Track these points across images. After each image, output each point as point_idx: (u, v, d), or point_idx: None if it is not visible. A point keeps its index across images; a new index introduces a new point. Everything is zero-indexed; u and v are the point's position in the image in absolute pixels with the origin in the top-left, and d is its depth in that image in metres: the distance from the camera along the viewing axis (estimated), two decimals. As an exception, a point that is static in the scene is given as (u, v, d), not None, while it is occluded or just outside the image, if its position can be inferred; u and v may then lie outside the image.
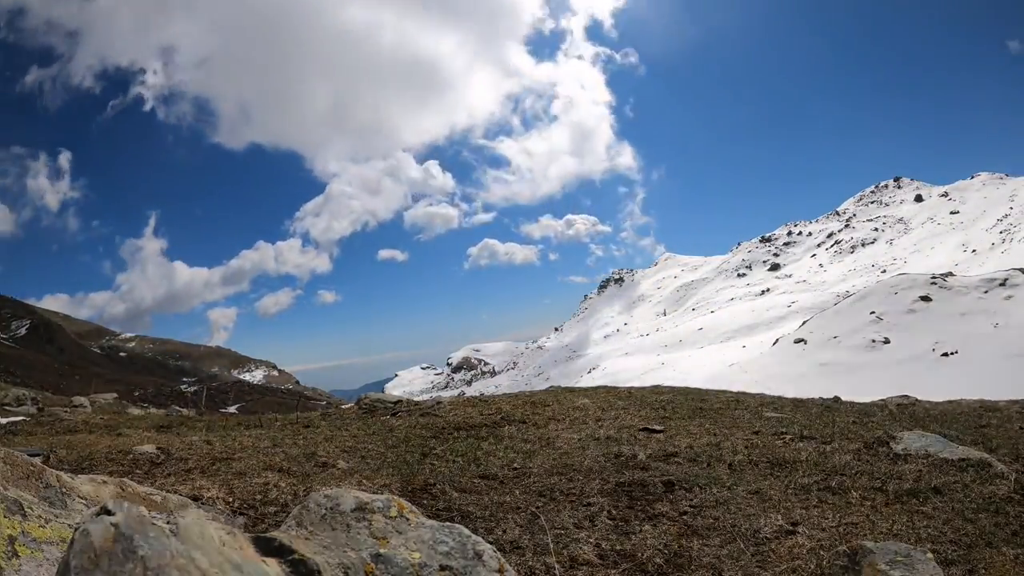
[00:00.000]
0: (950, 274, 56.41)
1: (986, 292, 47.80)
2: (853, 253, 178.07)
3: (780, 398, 9.82)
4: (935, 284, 51.68)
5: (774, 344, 60.00)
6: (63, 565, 1.41)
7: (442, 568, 1.99)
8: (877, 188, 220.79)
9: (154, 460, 5.37)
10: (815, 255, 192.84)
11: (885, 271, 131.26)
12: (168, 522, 1.55)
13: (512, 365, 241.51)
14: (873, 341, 46.18)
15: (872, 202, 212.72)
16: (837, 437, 5.97)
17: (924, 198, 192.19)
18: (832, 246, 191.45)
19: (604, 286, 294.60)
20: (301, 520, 2.15)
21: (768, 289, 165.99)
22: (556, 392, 10.69)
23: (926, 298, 49.89)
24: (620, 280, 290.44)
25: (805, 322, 62.07)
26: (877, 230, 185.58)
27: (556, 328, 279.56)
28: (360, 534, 2.07)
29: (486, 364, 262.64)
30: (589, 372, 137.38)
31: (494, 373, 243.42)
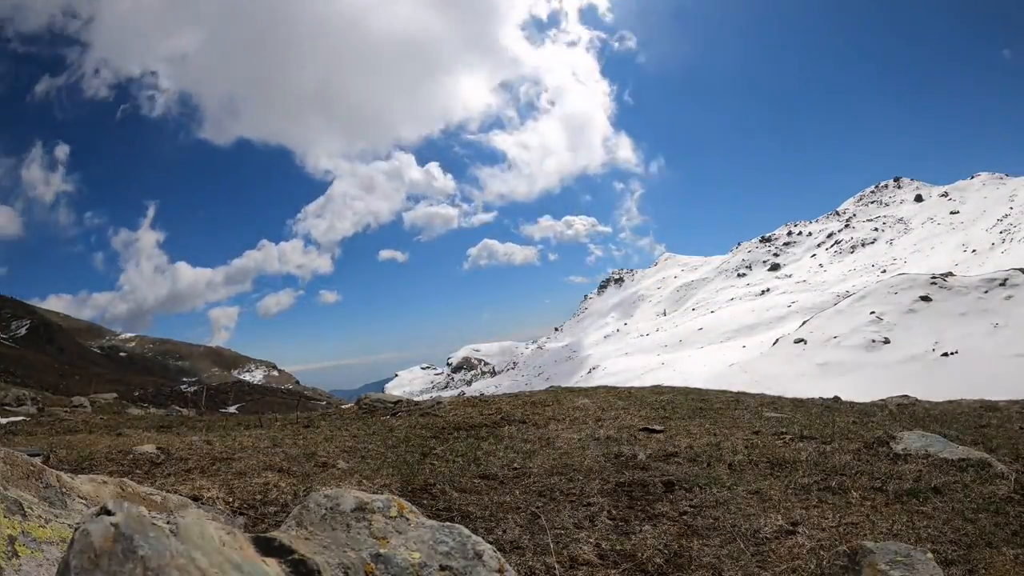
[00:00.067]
0: (950, 274, 56.39)
1: (986, 292, 47.78)
2: (853, 253, 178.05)
3: (780, 398, 9.82)
4: (935, 284, 51.68)
5: (774, 344, 59.98)
6: (63, 565, 1.41)
7: (442, 568, 1.99)
8: (877, 188, 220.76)
9: (154, 460, 5.36)
10: (815, 255, 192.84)
11: (885, 271, 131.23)
12: (168, 522, 1.55)
13: (512, 365, 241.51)
14: (873, 341, 46.18)
15: (872, 202, 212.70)
16: (837, 437, 5.97)
17: (924, 198, 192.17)
18: (832, 246, 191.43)
19: (604, 286, 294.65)
20: (301, 520, 2.15)
21: (768, 289, 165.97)
22: (556, 392, 10.68)
23: (926, 298, 49.89)
24: (620, 280, 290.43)
25: (805, 322, 62.05)
26: (877, 230, 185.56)
27: (556, 328, 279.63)
28: (360, 534, 2.07)
29: (486, 364, 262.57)
30: (589, 372, 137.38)
31: (494, 373, 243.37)
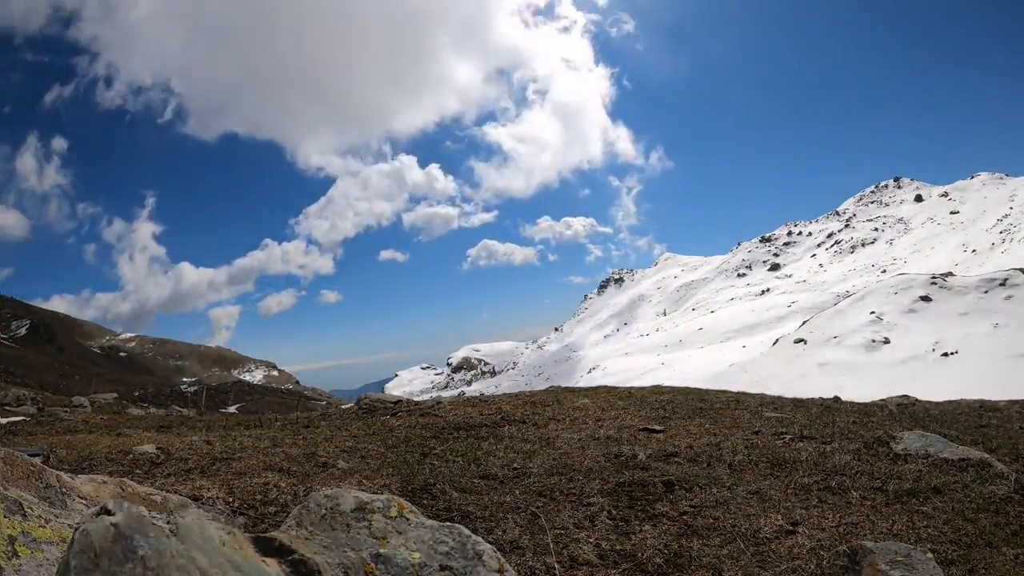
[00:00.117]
0: (950, 274, 56.39)
1: (986, 292, 47.77)
2: (853, 253, 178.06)
3: (780, 398, 9.80)
4: (935, 284, 51.67)
5: (774, 344, 59.97)
6: (63, 565, 1.41)
7: (442, 568, 1.99)
8: (877, 188, 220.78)
9: (154, 460, 5.36)
10: (815, 255, 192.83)
11: (885, 271, 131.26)
12: (168, 522, 1.55)
13: (512, 365, 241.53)
14: (873, 341, 46.16)
15: (872, 202, 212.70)
16: (837, 437, 5.97)
17: (924, 198, 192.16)
18: (832, 246, 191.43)
19: (604, 286, 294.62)
20: (301, 520, 2.15)
21: (768, 289, 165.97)
22: (556, 392, 10.68)
23: (926, 298, 49.88)
24: (620, 280, 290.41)
25: (805, 322, 62.03)
26: (877, 230, 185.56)
27: (556, 328, 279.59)
28: (360, 534, 2.07)
29: (486, 364, 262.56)
30: (589, 372, 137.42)
31: (494, 373, 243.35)
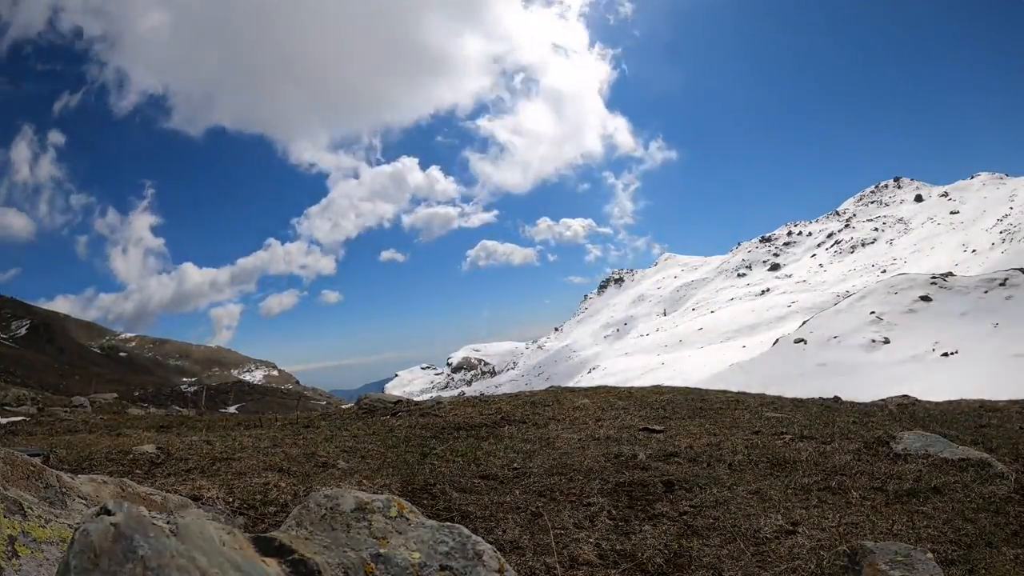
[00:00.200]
0: (950, 274, 56.37)
1: (986, 292, 47.75)
2: (853, 253, 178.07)
3: (780, 398, 9.80)
4: (935, 284, 51.66)
5: (774, 344, 59.95)
6: (63, 565, 1.41)
7: (442, 568, 1.99)
8: (877, 188, 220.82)
9: (154, 460, 5.36)
10: (815, 255, 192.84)
11: (885, 271, 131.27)
12: (168, 522, 1.55)
13: (512, 365, 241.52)
14: (873, 341, 46.14)
15: (872, 202, 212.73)
16: (837, 437, 5.96)
17: (924, 198, 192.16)
18: (832, 246, 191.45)
19: (604, 286, 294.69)
20: (301, 520, 2.15)
21: (768, 289, 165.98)
22: (556, 392, 10.67)
23: (926, 298, 49.88)
24: (620, 280, 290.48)
25: (805, 322, 62.02)
26: (877, 230, 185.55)
27: (556, 328, 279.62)
28: (360, 534, 2.07)
29: (486, 364, 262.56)
30: (589, 372, 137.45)
31: (494, 373, 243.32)
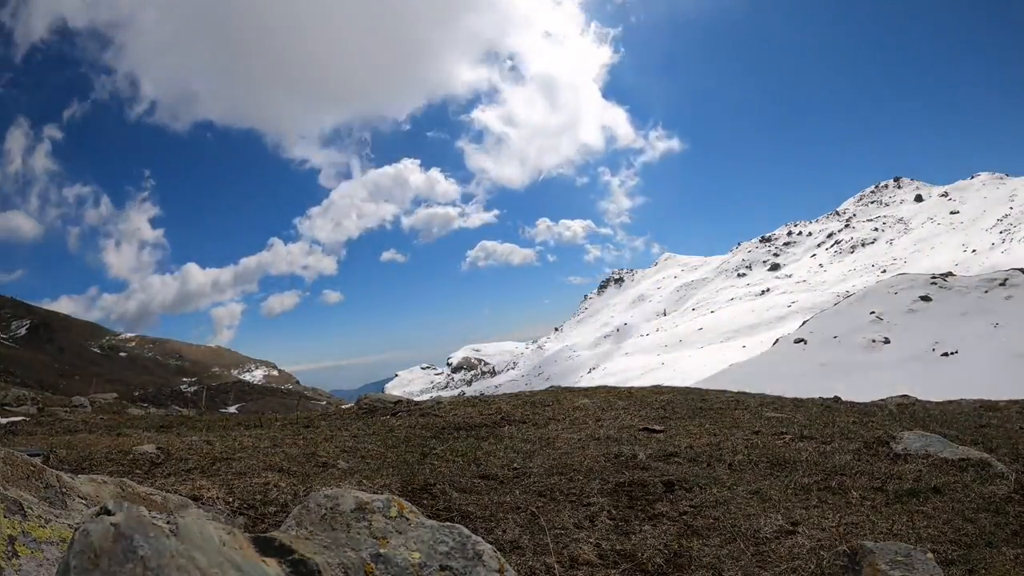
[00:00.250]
0: (950, 274, 56.38)
1: (986, 292, 47.74)
2: (853, 253, 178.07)
3: (780, 398, 9.80)
4: (935, 284, 51.66)
5: (774, 344, 59.95)
6: (63, 565, 1.41)
7: (442, 568, 1.99)
8: (877, 188, 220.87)
9: (154, 460, 5.36)
10: (815, 255, 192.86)
11: (885, 271, 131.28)
12: (168, 522, 1.55)
13: (512, 365, 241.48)
14: (873, 341, 46.14)
15: (872, 202, 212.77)
16: (837, 437, 5.97)
17: (924, 198, 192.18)
18: (832, 246, 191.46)
19: (604, 286, 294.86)
20: (301, 520, 2.15)
21: (768, 289, 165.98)
22: (556, 392, 10.67)
23: (926, 298, 49.87)
24: (620, 280, 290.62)
25: (805, 322, 62.03)
26: (877, 230, 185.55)
27: (556, 328, 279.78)
28: (360, 534, 2.07)
29: (486, 364, 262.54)
30: (589, 372, 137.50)
31: (494, 373, 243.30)
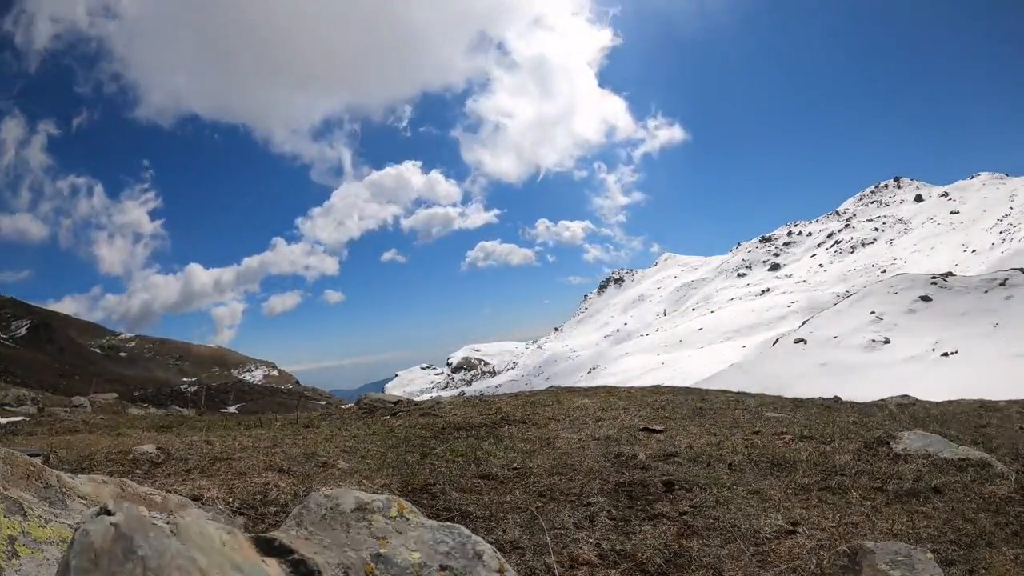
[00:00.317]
0: (950, 274, 56.39)
1: (986, 292, 47.74)
2: (853, 253, 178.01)
3: (780, 398, 9.81)
4: (935, 284, 51.66)
5: (774, 344, 59.94)
6: (63, 565, 1.41)
7: (442, 568, 1.99)
8: (877, 188, 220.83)
9: (154, 460, 5.36)
10: (815, 255, 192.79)
11: (885, 271, 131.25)
12: (168, 522, 1.55)
13: (512, 365, 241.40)
14: (873, 341, 46.13)
15: (872, 202, 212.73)
16: (837, 437, 5.97)
17: (924, 198, 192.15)
18: (832, 246, 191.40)
19: (604, 286, 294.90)
20: (301, 520, 2.15)
21: (768, 289, 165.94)
22: (556, 392, 10.68)
23: (926, 298, 49.87)
24: (620, 280, 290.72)
25: (805, 322, 62.03)
26: (877, 230, 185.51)
27: (556, 328, 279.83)
28: (360, 534, 2.07)
29: (486, 364, 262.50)
30: (589, 372, 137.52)
31: (494, 373, 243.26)
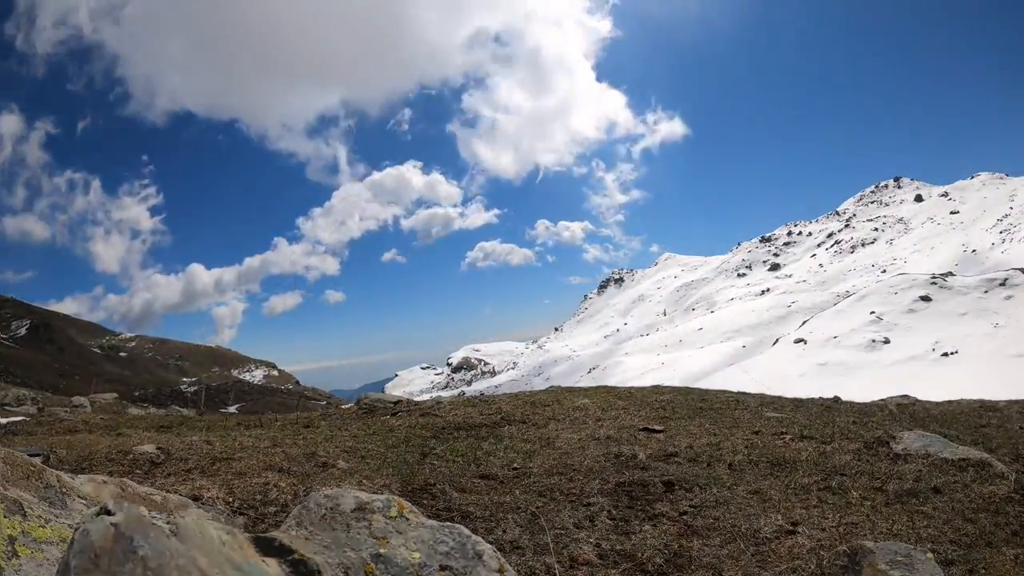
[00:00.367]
0: (950, 274, 56.41)
1: (986, 292, 47.75)
2: (853, 253, 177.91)
3: (780, 398, 9.81)
4: (935, 284, 51.67)
5: (774, 344, 59.97)
6: (63, 565, 1.41)
7: (442, 568, 1.99)
8: (877, 188, 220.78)
9: (154, 460, 5.36)
10: (815, 255, 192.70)
11: (885, 271, 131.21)
12: (168, 522, 1.55)
13: (512, 365, 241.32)
14: (873, 341, 46.13)
15: (872, 202, 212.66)
16: (837, 437, 5.97)
17: (924, 198, 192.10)
18: (832, 246, 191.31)
19: (604, 286, 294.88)
20: (301, 520, 2.15)
21: (768, 289, 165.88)
22: (556, 392, 10.68)
23: (926, 298, 49.87)
24: (620, 280, 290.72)
25: (805, 322, 62.05)
26: (877, 230, 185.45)
27: (556, 328, 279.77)
28: (360, 534, 2.07)
29: (486, 364, 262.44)
30: (589, 372, 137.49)
31: (494, 373, 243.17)
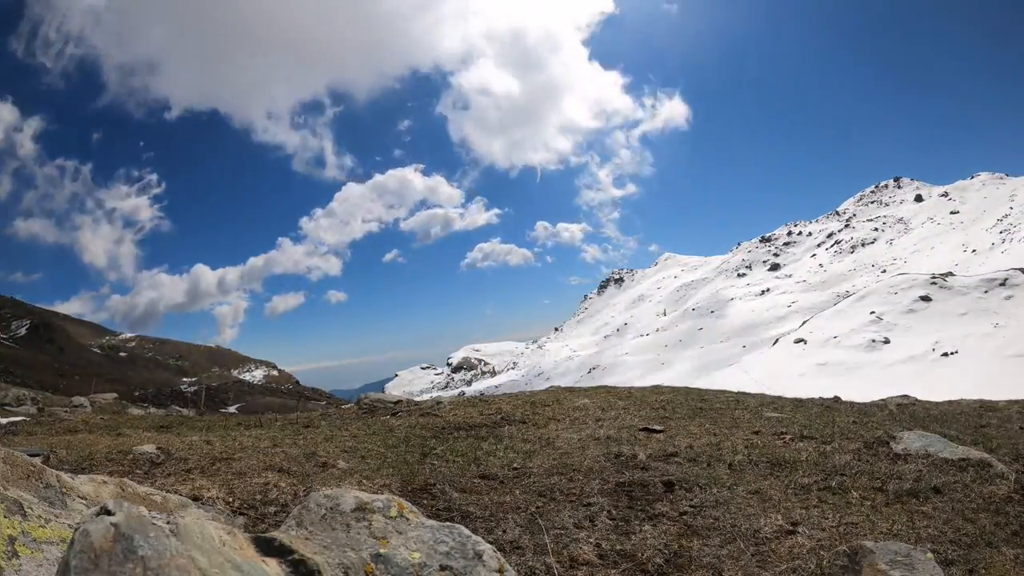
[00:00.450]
0: (950, 274, 56.42)
1: (986, 292, 47.77)
2: (853, 253, 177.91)
3: (780, 398, 9.81)
4: (935, 284, 51.69)
5: (774, 344, 59.98)
6: (63, 565, 1.41)
7: (442, 568, 1.99)
8: (877, 188, 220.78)
9: (154, 460, 5.37)
10: (815, 255, 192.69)
11: (885, 271, 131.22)
12: (168, 522, 1.55)
13: (512, 365, 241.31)
14: (873, 341, 46.14)
15: (872, 202, 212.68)
16: (837, 437, 5.97)
17: (924, 198, 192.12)
18: (832, 246, 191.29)
19: (604, 286, 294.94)
20: (301, 520, 2.15)
21: (768, 289, 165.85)
22: (556, 392, 10.68)
23: (926, 298, 49.89)
24: (620, 280, 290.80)
25: (805, 322, 62.07)
26: (877, 230, 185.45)
27: (556, 328, 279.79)
28: (360, 534, 2.07)
29: (486, 364, 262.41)
30: (589, 372, 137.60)
31: (494, 373, 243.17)
